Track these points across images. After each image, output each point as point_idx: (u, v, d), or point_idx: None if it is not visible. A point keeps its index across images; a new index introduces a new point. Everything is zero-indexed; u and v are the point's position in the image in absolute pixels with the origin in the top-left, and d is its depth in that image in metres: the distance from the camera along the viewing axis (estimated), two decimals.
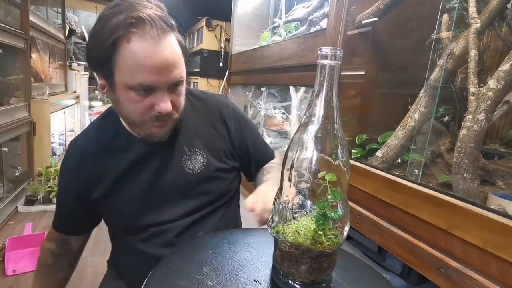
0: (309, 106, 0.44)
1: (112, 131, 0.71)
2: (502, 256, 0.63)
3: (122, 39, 0.55)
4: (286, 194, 0.44)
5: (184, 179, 0.71)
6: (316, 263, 0.43)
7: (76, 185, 0.70)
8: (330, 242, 0.42)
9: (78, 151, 0.72)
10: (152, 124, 0.63)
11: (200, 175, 0.72)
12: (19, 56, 2.19)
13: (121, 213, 0.71)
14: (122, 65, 0.56)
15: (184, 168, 0.71)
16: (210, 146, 0.74)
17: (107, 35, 0.55)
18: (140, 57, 0.55)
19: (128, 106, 0.61)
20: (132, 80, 0.57)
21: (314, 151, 0.43)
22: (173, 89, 0.61)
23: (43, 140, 2.54)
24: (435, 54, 0.99)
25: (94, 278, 1.60)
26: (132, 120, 0.64)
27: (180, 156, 0.71)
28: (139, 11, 0.55)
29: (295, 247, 0.42)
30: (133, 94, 0.58)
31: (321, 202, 0.42)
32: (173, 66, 0.58)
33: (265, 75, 2.39)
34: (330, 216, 0.41)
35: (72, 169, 0.71)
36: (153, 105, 0.59)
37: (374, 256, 1.15)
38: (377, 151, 1.12)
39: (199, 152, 0.73)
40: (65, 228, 0.77)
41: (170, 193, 0.71)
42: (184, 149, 0.72)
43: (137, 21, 0.54)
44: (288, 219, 0.44)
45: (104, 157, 0.69)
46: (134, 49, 0.55)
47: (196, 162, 0.72)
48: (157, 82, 0.57)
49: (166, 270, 0.50)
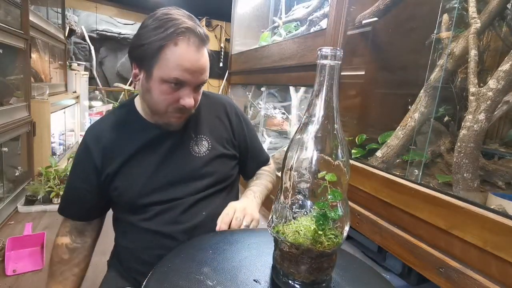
0: (309, 106, 0.44)
1: (127, 116, 0.81)
2: (502, 256, 0.63)
3: (170, 42, 0.67)
4: (286, 194, 0.44)
5: (191, 161, 0.80)
6: (316, 263, 0.43)
7: (93, 162, 0.76)
8: (330, 242, 0.42)
9: (95, 133, 0.79)
10: (172, 115, 0.74)
11: (205, 158, 0.81)
12: (19, 56, 2.19)
13: (129, 191, 0.76)
14: (164, 62, 0.68)
15: (191, 151, 0.80)
16: (214, 134, 0.84)
17: (156, 39, 0.67)
18: (181, 59, 0.67)
19: (158, 96, 0.71)
20: (170, 75, 0.68)
21: (314, 151, 0.43)
22: (196, 89, 0.73)
23: (43, 140, 2.54)
24: (435, 54, 0.99)
25: (94, 278, 1.60)
26: (157, 108, 0.73)
27: (188, 141, 0.81)
28: (186, 23, 0.68)
29: (295, 247, 0.43)
30: (165, 87, 0.69)
31: (321, 202, 0.42)
32: (203, 70, 0.71)
33: (265, 75, 2.39)
34: (330, 216, 0.41)
35: (90, 148, 0.77)
36: (179, 99, 0.71)
37: (374, 256, 1.15)
38: (377, 151, 1.12)
39: (205, 138, 0.83)
40: (79, 213, 0.80)
41: (177, 173, 0.78)
42: (192, 135, 0.81)
43: (186, 30, 0.67)
44: (288, 219, 0.44)
45: (119, 136, 0.78)
46: (179, 51, 0.67)
47: (202, 146, 0.82)
48: (189, 80, 0.70)
49: (166, 270, 0.50)
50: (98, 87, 6.10)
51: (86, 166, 0.77)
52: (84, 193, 0.78)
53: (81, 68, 4.59)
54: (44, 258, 1.64)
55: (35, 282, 1.51)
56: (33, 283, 1.50)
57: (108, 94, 6.29)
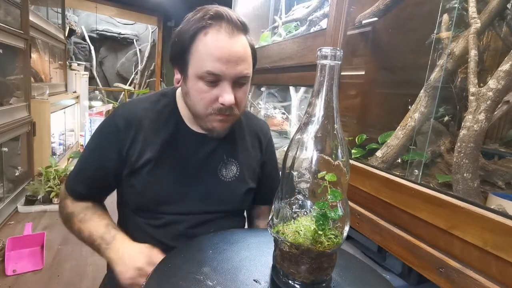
0: (309, 106, 0.44)
1: (168, 116, 0.75)
2: (502, 256, 0.63)
3: (200, 32, 0.62)
4: (286, 194, 0.44)
5: (215, 183, 0.76)
6: (316, 263, 0.43)
7: (118, 147, 0.71)
8: (330, 242, 0.42)
9: (129, 117, 0.72)
10: (214, 117, 0.68)
11: (229, 184, 0.77)
12: (19, 56, 2.19)
13: (146, 193, 0.73)
14: (196, 56, 0.63)
15: (218, 173, 0.77)
16: (245, 161, 0.80)
17: (188, 29, 0.63)
18: (212, 48, 0.61)
19: (195, 97, 0.66)
20: (202, 69, 0.62)
21: (314, 151, 0.43)
22: (237, 85, 0.66)
23: (43, 140, 2.54)
24: (435, 54, 0.99)
25: (94, 278, 1.60)
26: (197, 111, 0.68)
27: (218, 161, 0.77)
28: (217, 9, 0.62)
29: (295, 247, 0.43)
30: (201, 84, 0.64)
31: (321, 202, 0.42)
32: (240, 59, 0.63)
33: (265, 75, 2.39)
34: (330, 216, 0.41)
35: (120, 131, 0.71)
36: (218, 97, 0.65)
37: (374, 256, 1.15)
38: (377, 151, 1.12)
39: (234, 163, 0.78)
40: (86, 193, 0.76)
41: (198, 191, 0.75)
42: (223, 156, 0.77)
43: (216, 15, 0.62)
44: (288, 219, 0.44)
45: (154, 133, 0.72)
46: (208, 40, 0.61)
47: (230, 171, 0.78)
48: (224, 72, 0.62)
49: (166, 270, 0.50)
50: (98, 87, 6.10)
51: (109, 147, 0.72)
52: (97, 174, 0.74)
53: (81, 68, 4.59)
54: (44, 258, 1.64)
55: (35, 282, 1.51)
56: (33, 283, 1.50)
57: (108, 94, 6.30)
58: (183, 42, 0.64)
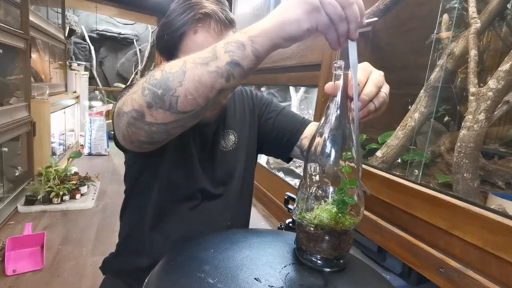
0: (327, 108, 0.53)
1: None
2: (502, 256, 0.63)
3: (189, 31, 0.64)
4: (309, 184, 0.52)
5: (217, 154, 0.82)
6: (338, 240, 0.51)
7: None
8: (350, 221, 0.50)
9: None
10: None
11: (230, 152, 0.83)
12: (19, 56, 2.19)
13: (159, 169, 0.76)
14: (186, 52, 0.64)
15: (219, 145, 0.82)
16: (242, 129, 0.85)
17: (177, 28, 0.65)
18: (202, 47, 0.61)
19: None
20: None
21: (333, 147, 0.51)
22: None
23: (43, 140, 2.54)
24: (435, 54, 0.99)
25: (94, 278, 1.60)
26: None
27: (218, 135, 0.81)
28: (206, 8, 0.64)
29: (320, 227, 0.50)
30: None
31: (340, 190, 0.50)
32: None
33: (265, 75, 2.39)
34: (348, 202, 0.49)
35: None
36: None
37: (374, 256, 1.15)
38: (377, 151, 1.12)
39: (232, 132, 0.84)
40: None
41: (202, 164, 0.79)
42: (220, 129, 0.82)
43: (204, 16, 0.64)
44: (311, 207, 0.51)
45: None
46: (198, 40, 0.64)
47: (229, 141, 0.83)
48: None
49: (167, 268, 0.50)
50: (98, 87, 6.10)
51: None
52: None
53: (81, 68, 4.59)
54: (44, 258, 1.64)
55: (35, 282, 1.51)
56: (33, 283, 1.50)
57: (108, 94, 6.29)
58: (172, 37, 0.66)
